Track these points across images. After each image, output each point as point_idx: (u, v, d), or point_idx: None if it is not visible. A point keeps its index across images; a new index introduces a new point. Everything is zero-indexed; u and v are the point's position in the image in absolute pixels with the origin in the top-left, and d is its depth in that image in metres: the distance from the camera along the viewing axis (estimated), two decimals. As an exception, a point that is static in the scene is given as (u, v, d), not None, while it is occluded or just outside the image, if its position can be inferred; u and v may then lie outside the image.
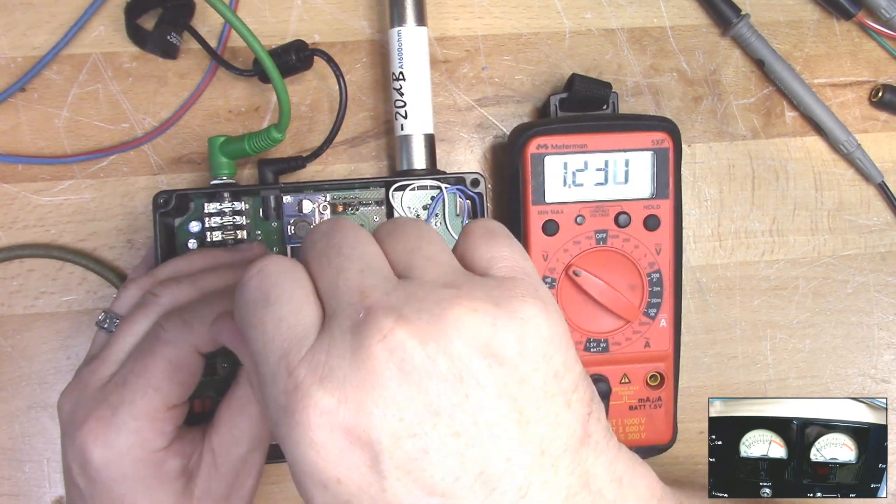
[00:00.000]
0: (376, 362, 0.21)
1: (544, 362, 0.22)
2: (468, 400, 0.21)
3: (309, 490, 0.22)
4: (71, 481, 0.34)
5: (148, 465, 0.33)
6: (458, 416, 0.21)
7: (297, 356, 0.22)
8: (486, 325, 0.22)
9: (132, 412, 0.32)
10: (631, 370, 0.43)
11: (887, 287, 0.49)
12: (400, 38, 0.42)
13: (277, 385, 0.22)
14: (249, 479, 0.36)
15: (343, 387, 0.21)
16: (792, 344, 0.49)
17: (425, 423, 0.21)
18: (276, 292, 0.24)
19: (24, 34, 0.44)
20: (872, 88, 0.49)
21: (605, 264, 0.42)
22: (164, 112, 0.45)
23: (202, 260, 0.39)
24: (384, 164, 0.46)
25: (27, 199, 0.44)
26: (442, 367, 0.21)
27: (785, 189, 0.49)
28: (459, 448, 0.21)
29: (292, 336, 0.23)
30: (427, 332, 0.21)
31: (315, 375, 0.21)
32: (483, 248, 0.25)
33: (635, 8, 0.47)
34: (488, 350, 0.22)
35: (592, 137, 0.42)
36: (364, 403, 0.21)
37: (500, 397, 0.22)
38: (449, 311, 0.22)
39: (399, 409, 0.21)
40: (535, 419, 0.22)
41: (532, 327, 0.22)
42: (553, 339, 0.23)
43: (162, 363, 0.33)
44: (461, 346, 0.21)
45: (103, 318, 0.38)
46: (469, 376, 0.21)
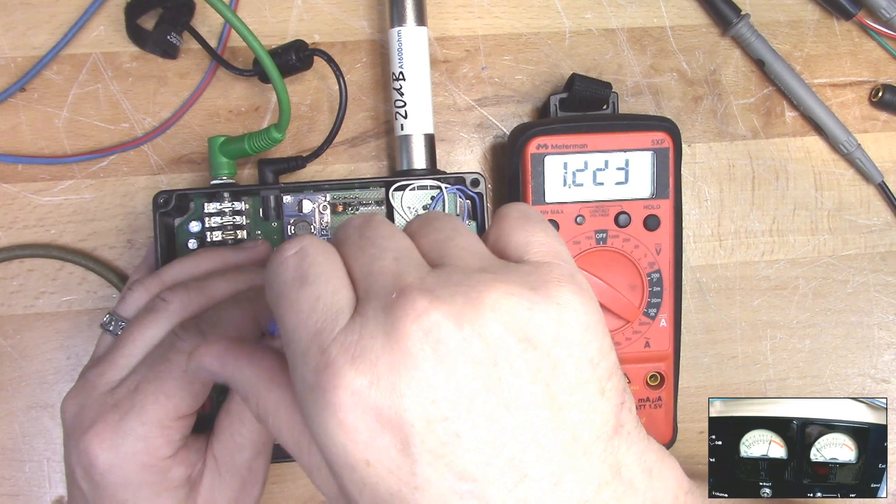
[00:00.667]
0: (410, 342, 0.21)
1: (579, 348, 0.22)
2: (502, 384, 0.21)
3: (338, 471, 0.22)
4: (74, 484, 0.34)
5: (153, 472, 0.33)
6: (492, 401, 0.21)
7: (331, 335, 0.22)
8: (523, 308, 0.21)
9: (142, 418, 0.32)
10: (631, 370, 0.43)
11: (887, 287, 0.49)
12: (400, 38, 0.42)
13: (308, 363, 0.22)
14: (255, 487, 0.36)
15: (375, 367, 0.21)
16: (792, 344, 0.49)
17: (458, 406, 0.21)
18: (315, 271, 0.23)
19: (24, 34, 0.44)
20: (872, 88, 0.49)
21: (605, 264, 0.42)
22: (164, 112, 0.45)
23: (209, 261, 0.39)
24: (384, 164, 0.46)
25: (27, 199, 0.44)
26: (477, 350, 0.21)
27: (785, 189, 0.49)
28: (492, 433, 0.21)
29: (328, 315, 0.22)
30: (462, 314, 0.21)
31: (347, 355, 0.21)
32: (518, 232, 0.25)
33: (635, 8, 0.47)
34: (524, 334, 0.21)
35: (592, 137, 0.42)
36: (396, 385, 0.20)
37: (535, 382, 0.21)
38: (486, 294, 0.21)
39: (432, 391, 0.21)
40: (568, 405, 0.22)
41: (569, 312, 0.22)
42: (590, 325, 0.22)
43: (176, 372, 0.33)
44: (497, 328, 0.21)
45: (108, 320, 0.37)
46: (504, 360, 0.21)
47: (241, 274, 0.37)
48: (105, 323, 0.38)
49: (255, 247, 0.40)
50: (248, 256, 0.39)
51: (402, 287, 0.22)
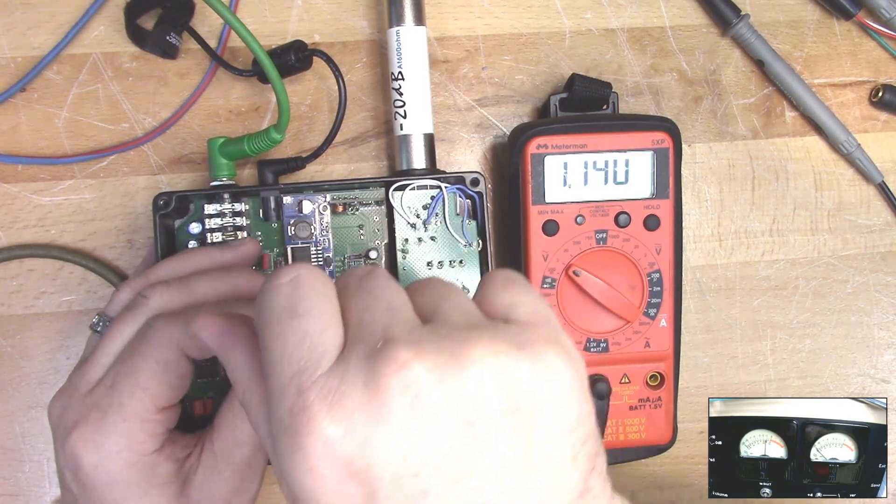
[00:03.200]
0: (388, 394, 0.21)
1: (559, 413, 0.22)
2: (477, 443, 0.21)
3: None
4: (65, 486, 0.34)
5: (139, 468, 0.32)
6: (465, 460, 0.21)
7: (311, 377, 0.22)
8: (508, 367, 0.21)
9: (121, 414, 0.32)
10: (631, 370, 0.43)
11: (887, 287, 0.49)
12: (399, 38, 0.42)
13: (285, 402, 0.22)
14: (253, 484, 0.35)
15: (351, 417, 0.21)
16: (792, 344, 0.49)
17: (429, 464, 0.21)
18: (306, 305, 0.23)
19: (24, 34, 0.44)
20: (872, 88, 0.49)
21: (605, 264, 0.42)
22: (164, 112, 0.45)
23: (196, 259, 0.38)
24: (384, 163, 0.46)
25: (27, 199, 0.44)
26: (456, 408, 0.21)
27: (785, 189, 0.49)
28: (460, 493, 0.21)
29: (312, 354, 0.22)
30: (445, 368, 0.21)
31: (325, 401, 0.21)
32: (504, 294, 0.25)
33: (635, 8, 0.47)
34: (506, 394, 0.21)
35: (592, 137, 0.42)
36: (370, 437, 0.20)
37: (511, 446, 0.21)
38: (471, 349, 0.21)
39: (405, 447, 0.20)
40: (540, 469, 0.22)
41: (553, 375, 0.22)
42: (572, 390, 0.22)
43: (149, 363, 0.32)
44: (479, 387, 0.21)
45: (97, 320, 0.38)
46: (482, 420, 0.21)
47: (224, 273, 0.37)
48: (94, 324, 0.38)
49: (244, 245, 0.40)
50: (235, 255, 0.39)
51: (389, 337, 0.22)
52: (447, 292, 0.25)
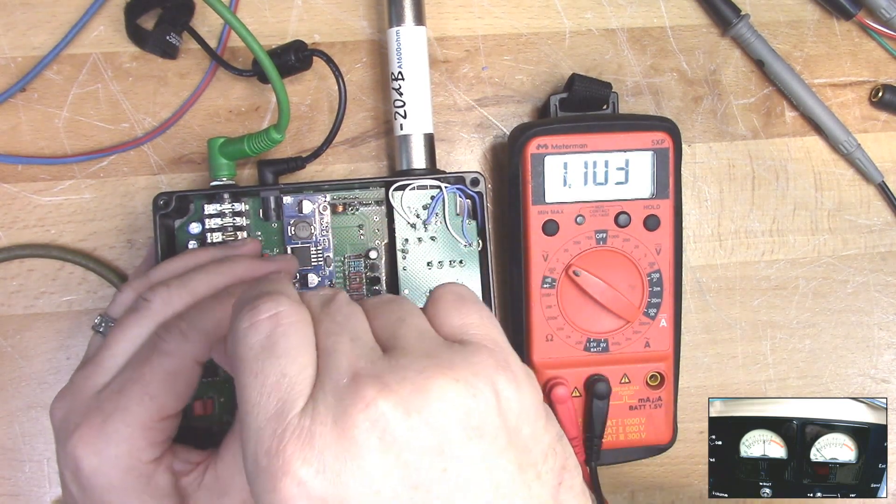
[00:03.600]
0: (356, 431, 0.21)
1: (516, 434, 0.23)
2: (446, 473, 0.22)
3: None
4: (65, 487, 0.34)
5: (136, 475, 0.32)
6: (435, 490, 0.21)
7: (285, 419, 0.22)
8: (469, 396, 0.22)
9: (125, 419, 0.32)
10: (631, 370, 0.43)
11: (887, 287, 0.50)
12: (398, 38, 0.42)
13: (262, 443, 0.22)
14: None
15: (322, 456, 0.21)
16: (792, 344, 0.49)
17: (401, 496, 0.21)
18: (285, 345, 0.24)
19: (24, 34, 0.44)
20: (872, 88, 0.49)
21: (605, 264, 0.42)
22: (164, 112, 0.45)
23: (197, 259, 0.38)
24: (384, 163, 0.46)
25: (27, 199, 0.44)
26: (423, 440, 0.21)
27: (785, 189, 0.49)
28: None
29: (289, 395, 0.23)
30: (410, 402, 0.22)
31: (298, 442, 0.21)
32: (455, 315, 0.26)
33: (635, 8, 0.47)
34: (468, 422, 0.22)
35: (592, 137, 0.42)
36: (341, 474, 0.21)
37: (479, 471, 0.22)
38: (432, 382, 0.22)
39: (376, 482, 0.21)
40: (509, 493, 0.22)
41: (504, 401, 0.23)
42: (522, 411, 0.23)
43: (160, 373, 0.32)
44: (443, 417, 0.22)
45: (99, 321, 0.38)
46: (449, 449, 0.22)
47: (222, 265, 0.37)
48: (96, 324, 0.38)
49: (245, 245, 0.40)
50: (236, 255, 0.39)
51: (354, 373, 0.22)
52: (402, 314, 0.26)
